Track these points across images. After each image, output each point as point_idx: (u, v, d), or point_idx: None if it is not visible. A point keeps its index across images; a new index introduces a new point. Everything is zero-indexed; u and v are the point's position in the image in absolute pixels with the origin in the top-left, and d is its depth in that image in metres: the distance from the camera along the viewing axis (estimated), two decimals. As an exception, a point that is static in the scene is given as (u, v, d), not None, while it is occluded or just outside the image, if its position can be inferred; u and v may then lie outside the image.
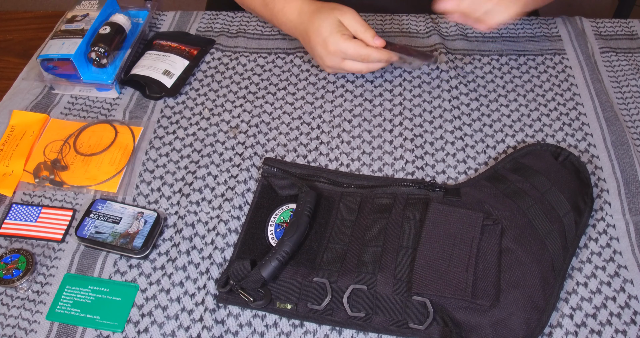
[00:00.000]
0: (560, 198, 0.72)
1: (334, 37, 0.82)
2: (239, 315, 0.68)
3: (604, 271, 0.70)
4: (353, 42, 0.82)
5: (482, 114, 0.87)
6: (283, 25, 0.92)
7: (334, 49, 0.83)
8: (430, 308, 0.65)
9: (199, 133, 0.86)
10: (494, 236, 0.69)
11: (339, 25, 0.83)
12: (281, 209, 0.76)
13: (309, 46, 0.87)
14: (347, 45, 0.82)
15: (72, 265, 0.73)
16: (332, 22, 0.83)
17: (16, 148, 0.84)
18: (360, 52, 0.82)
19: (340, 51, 0.82)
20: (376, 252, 0.69)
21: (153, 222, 0.73)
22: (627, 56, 0.94)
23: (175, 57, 0.93)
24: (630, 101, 0.88)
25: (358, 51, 0.82)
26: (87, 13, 0.93)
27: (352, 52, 0.82)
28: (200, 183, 0.80)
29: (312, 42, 0.85)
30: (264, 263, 0.67)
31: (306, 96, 0.91)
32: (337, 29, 0.82)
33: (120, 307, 0.69)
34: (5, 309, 0.69)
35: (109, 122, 0.87)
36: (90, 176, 0.81)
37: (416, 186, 0.76)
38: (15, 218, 0.77)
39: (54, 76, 0.90)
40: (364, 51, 0.82)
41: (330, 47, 0.83)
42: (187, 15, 1.05)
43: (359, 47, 0.82)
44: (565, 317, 0.66)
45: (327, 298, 0.67)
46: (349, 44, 0.82)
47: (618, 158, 0.80)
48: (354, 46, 0.82)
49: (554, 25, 0.99)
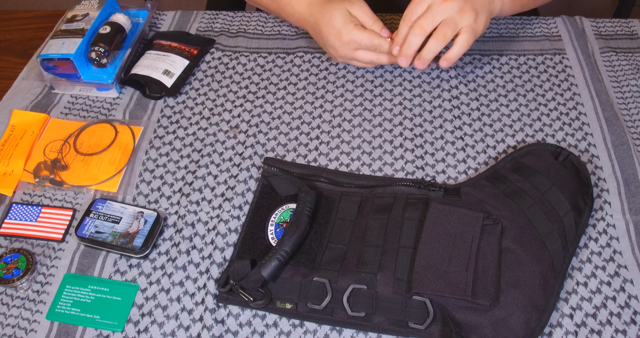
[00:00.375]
0: (560, 197, 0.72)
1: (347, 27, 0.84)
2: (239, 314, 0.68)
3: (604, 271, 0.70)
4: (367, 32, 0.84)
5: (482, 114, 0.87)
6: (291, 17, 0.93)
7: (348, 39, 0.84)
8: (430, 308, 0.65)
9: (199, 132, 0.86)
10: (494, 236, 0.69)
11: (350, 15, 0.85)
12: (281, 209, 0.76)
13: (320, 37, 0.88)
14: (361, 35, 0.84)
15: (72, 264, 0.73)
16: (343, 13, 0.84)
17: (16, 148, 0.84)
18: (374, 41, 0.84)
19: (354, 40, 0.84)
20: (376, 252, 0.69)
21: (153, 222, 0.73)
22: (627, 56, 0.94)
23: (175, 57, 0.93)
24: (630, 100, 0.88)
25: (372, 40, 0.84)
26: (87, 13, 0.92)
27: (366, 42, 0.84)
28: (200, 182, 0.80)
29: (325, 33, 0.86)
30: (264, 263, 0.67)
31: (306, 95, 0.91)
32: (349, 19, 0.84)
33: (120, 306, 0.69)
34: (5, 309, 0.69)
35: (109, 122, 0.87)
36: (90, 176, 0.81)
37: (416, 185, 0.76)
38: (15, 217, 0.77)
39: (54, 75, 0.90)
40: (377, 40, 0.84)
41: (344, 37, 0.84)
42: (187, 15, 1.05)
43: (372, 36, 0.84)
44: (565, 316, 0.66)
45: (327, 297, 0.67)
46: (363, 33, 0.84)
47: (618, 157, 0.80)
48: (368, 36, 0.84)
49: (554, 25, 0.99)
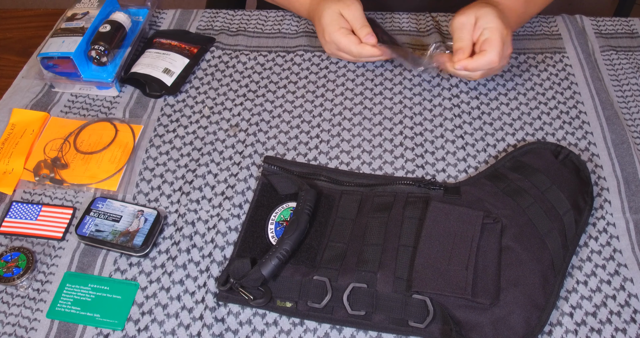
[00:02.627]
0: (560, 196, 0.72)
1: (331, 27, 0.86)
2: (239, 313, 0.68)
3: (604, 269, 0.70)
4: (346, 38, 0.86)
5: (482, 113, 0.87)
6: (299, 10, 0.97)
7: (329, 39, 0.87)
8: (430, 307, 0.65)
9: (199, 131, 0.86)
10: (494, 235, 0.69)
11: (338, 17, 0.86)
12: (281, 207, 0.76)
13: (316, 30, 0.92)
14: (340, 39, 0.86)
15: (73, 263, 0.73)
16: (332, 13, 0.86)
17: (16, 146, 0.84)
18: (352, 49, 0.86)
19: (334, 42, 0.87)
20: (376, 251, 0.69)
21: (153, 220, 0.73)
22: (628, 55, 0.94)
23: (175, 56, 0.93)
24: (631, 99, 0.88)
25: (349, 47, 0.86)
26: (87, 11, 0.92)
27: (343, 47, 0.87)
28: (200, 181, 0.80)
29: (317, 28, 0.91)
30: (264, 262, 0.67)
31: (306, 94, 0.91)
32: (336, 21, 0.86)
33: (121, 305, 0.69)
34: (6, 307, 0.69)
35: (109, 121, 0.87)
36: (90, 175, 0.81)
37: (416, 184, 0.76)
38: (15, 216, 0.77)
39: (54, 74, 0.90)
40: (355, 49, 0.86)
41: (326, 37, 0.88)
42: (187, 13, 1.05)
43: (350, 44, 0.86)
44: (565, 315, 0.66)
45: (327, 296, 0.67)
46: (342, 39, 0.86)
47: (618, 156, 0.80)
48: (346, 42, 0.86)
49: (554, 23, 0.99)
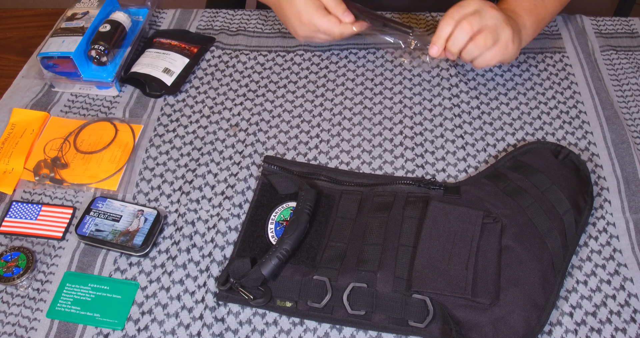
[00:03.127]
0: (560, 196, 0.72)
1: (308, 10, 0.84)
2: (239, 312, 0.68)
3: (603, 269, 0.70)
4: (326, 19, 0.85)
5: (482, 112, 0.87)
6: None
7: (307, 21, 0.85)
8: (430, 306, 0.65)
9: (199, 130, 0.86)
10: (493, 235, 0.69)
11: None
12: (281, 207, 0.76)
13: (282, 14, 0.89)
14: (321, 20, 0.85)
15: (73, 262, 0.73)
16: None
17: (16, 146, 0.84)
18: (334, 30, 0.85)
19: (313, 24, 0.85)
20: (376, 250, 0.69)
21: (153, 220, 0.73)
22: (628, 54, 0.94)
23: (175, 55, 0.93)
24: (631, 99, 0.88)
25: (330, 27, 0.85)
26: (87, 11, 0.92)
27: (324, 28, 0.85)
28: (200, 181, 0.80)
29: (286, 12, 0.87)
30: (264, 261, 0.67)
31: (306, 94, 0.91)
32: (311, 2, 0.84)
33: (121, 304, 0.69)
34: (6, 307, 0.69)
35: (109, 120, 0.87)
36: (90, 174, 0.81)
37: (416, 184, 0.76)
38: (15, 215, 0.77)
39: (54, 73, 0.90)
40: (337, 29, 0.85)
41: (304, 19, 0.85)
42: (187, 13, 1.05)
43: (331, 25, 0.85)
44: (565, 315, 0.66)
45: (327, 296, 0.67)
46: (322, 19, 0.85)
47: (618, 156, 0.80)
48: (327, 22, 0.85)
49: (554, 23, 0.99)
